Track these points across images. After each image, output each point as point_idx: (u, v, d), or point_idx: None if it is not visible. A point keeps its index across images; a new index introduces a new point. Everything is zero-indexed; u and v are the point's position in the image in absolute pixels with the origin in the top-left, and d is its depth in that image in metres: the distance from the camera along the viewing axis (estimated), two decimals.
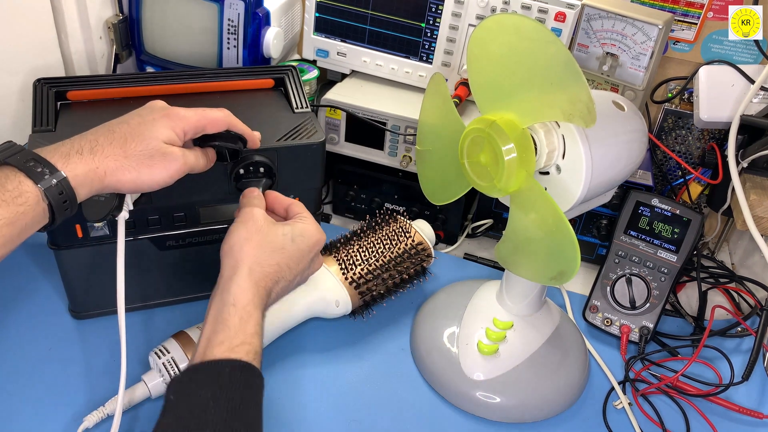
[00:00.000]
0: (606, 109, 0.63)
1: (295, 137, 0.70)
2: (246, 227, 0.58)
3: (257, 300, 0.55)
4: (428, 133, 0.71)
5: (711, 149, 0.86)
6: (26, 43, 0.89)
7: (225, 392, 0.48)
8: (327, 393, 0.69)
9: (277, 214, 0.64)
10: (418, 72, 0.90)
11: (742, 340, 0.82)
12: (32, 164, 0.50)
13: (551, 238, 0.57)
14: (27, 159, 0.50)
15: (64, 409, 0.64)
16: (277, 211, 0.65)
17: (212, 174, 0.66)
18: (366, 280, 0.74)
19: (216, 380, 0.49)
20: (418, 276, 0.81)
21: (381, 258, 0.76)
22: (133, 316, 0.75)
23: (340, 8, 0.89)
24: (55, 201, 0.50)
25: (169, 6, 0.91)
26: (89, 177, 0.52)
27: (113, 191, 0.56)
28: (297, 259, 0.59)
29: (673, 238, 0.79)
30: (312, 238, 0.61)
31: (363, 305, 0.76)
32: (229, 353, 0.50)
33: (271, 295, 0.57)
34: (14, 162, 0.50)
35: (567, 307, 0.84)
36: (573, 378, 0.72)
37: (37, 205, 0.50)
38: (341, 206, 0.97)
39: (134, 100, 0.74)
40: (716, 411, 0.72)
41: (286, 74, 0.79)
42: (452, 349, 0.72)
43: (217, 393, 0.48)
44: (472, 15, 0.84)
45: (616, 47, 0.85)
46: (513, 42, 0.54)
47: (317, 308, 0.73)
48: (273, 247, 0.58)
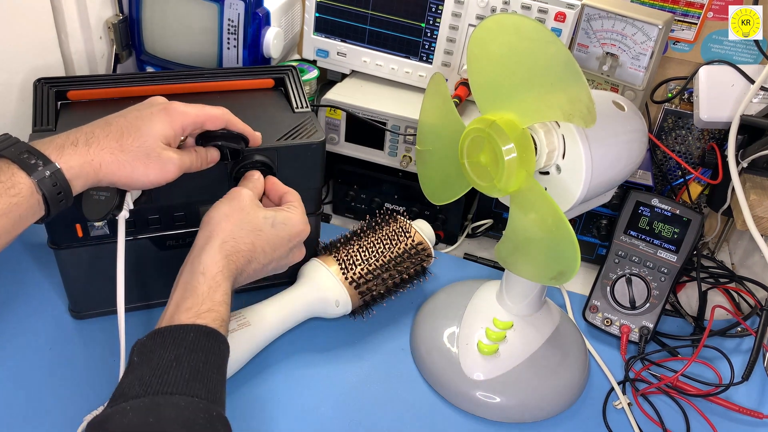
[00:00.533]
0: (606, 109, 0.63)
1: (295, 137, 0.70)
2: (230, 204, 0.59)
3: (227, 272, 0.55)
4: (428, 133, 0.71)
5: (711, 149, 0.86)
6: (26, 43, 0.89)
7: (188, 355, 0.49)
8: (327, 393, 0.69)
9: (271, 201, 0.65)
10: (418, 72, 0.90)
11: (742, 340, 0.82)
12: (26, 156, 0.50)
13: (551, 238, 0.57)
14: (21, 151, 0.50)
15: (64, 409, 0.64)
16: (272, 197, 0.65)
17: (212, 174, 0.66)
18: (366, 280, 0.74)
19: (180, 343, 0.50)
20: (418, 276, 0.81)
21: (381, 258, 0.76)
22: (133, 316, 0.75)
23: (340, 8, 0.89)
24: (49, 192, 0.50)
25: (169, 6, 0.91)
26: (84, 169, 0.52)
27: (108, 185, 0.56)
28: (274, 244, 0.60)
29: (673, 238, 0.79)
30: (294, 228, 0.61)
31: (363, 305, 0.76)
32: (195, 319, 0.51)
33: (242, 273, 0.58)
34: (8, 154, 0.50)
35: (567, 307, 0.84)
36: (573, 378, 0.72)
37: (31, 197, 0.50)
38: (341, 206, 0.97)
39: (134, 100, 0.73)
40: (716, 411, 0.72)
41: (286, 74, 0.79)
42: (452, 349, 0.72)
43: (180, 355, 0.49)
44: (472, 15, 0.84)
45: (616, 47, 0.85)
46: (513, 42, 0.54)
47: (317, 308, 0.73)
48: (251, 227, 0.58)
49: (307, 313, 0.73)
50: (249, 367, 0.70)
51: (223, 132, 0.61)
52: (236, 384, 0.68)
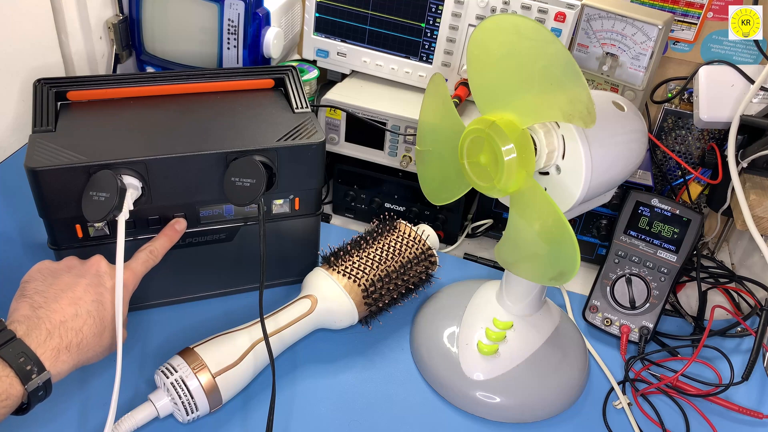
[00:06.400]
0: (606, 110, 0.63)
1: (295, 137, 0.70)
2: None
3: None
4: (428, 133, 0.71)
5: (711, 149, 0.86)
6: (26, 43, 0.89)
7: None
8: (327, 393, 0.69)
9: None
10: (418, 72, 0.90)
11: (742, 340, 0.82)
12: (22, 360, 0.50)
13: (551, 239, 0.57)
14: (18, 353, 0.51)
15: (63, 408, 0.64)
16: None
17: (212, 174, 0.67)
18: (369, 292, 0.73)
19: None
20: (423, 284, 0.80)
21: (387, 269, 0.75)
22: (133, 316, 0.75)
23: (340, 8, 0.89)
24: (35, 397, 0.52)
25: (169, 6, 0.91)
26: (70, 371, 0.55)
27: None
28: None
29: (673, 238, 0.79)
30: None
31: (368, 315, 0.75)
32: None
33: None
34: (6, 356, 0.50)
35: (567, 307, 0.84)
36: (573, 378, 0.72)
37: (17, 400, 0.51)
38: (341, 206, 0.97)
39: (134, 100, 0.74)
40: (716, 411, 0.72)
41: (286, 74, 0.79)
42: (452, 349, 0.72)
43: None
44: (472, 15, 0.84)
45: (616, 47, 0.85)
46: (513, 42, 0.54)
47: (323, 320, 0.73)
48: None
49: (314, 326, 0.73)
50: None
51: None
52: None
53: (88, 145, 0.64)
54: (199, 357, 0.63)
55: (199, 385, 0.62)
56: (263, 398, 0.68)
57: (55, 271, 0.59)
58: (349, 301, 0.72)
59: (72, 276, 0.59)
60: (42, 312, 0.54)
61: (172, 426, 0.64)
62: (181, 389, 0.61)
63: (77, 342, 0.55)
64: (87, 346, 0.56)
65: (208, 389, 0.62)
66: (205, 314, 0.76)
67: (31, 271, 0.59)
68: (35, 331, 0.53)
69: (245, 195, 0.65)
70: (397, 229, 0.80)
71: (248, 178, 0.64)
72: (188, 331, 0.74)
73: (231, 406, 0.66)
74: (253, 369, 0.66)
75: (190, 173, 0.66)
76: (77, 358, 0.55)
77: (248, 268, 0.77)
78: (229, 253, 0.75)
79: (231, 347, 0.65)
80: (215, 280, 0.78)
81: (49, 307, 0.55)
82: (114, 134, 0.68)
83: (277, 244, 0.76)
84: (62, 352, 0.53)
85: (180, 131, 0.69)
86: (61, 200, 0.63)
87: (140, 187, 0.64)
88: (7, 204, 0.88)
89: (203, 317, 0.76)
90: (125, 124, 0.70)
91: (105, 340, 0.58)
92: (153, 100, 0.74)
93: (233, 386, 0.65)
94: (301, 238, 0.78)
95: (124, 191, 0.61)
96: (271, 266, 0.76)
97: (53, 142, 0.64)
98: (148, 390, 0.64)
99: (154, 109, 0.73)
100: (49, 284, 0.57)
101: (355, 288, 0.73)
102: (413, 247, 0.78)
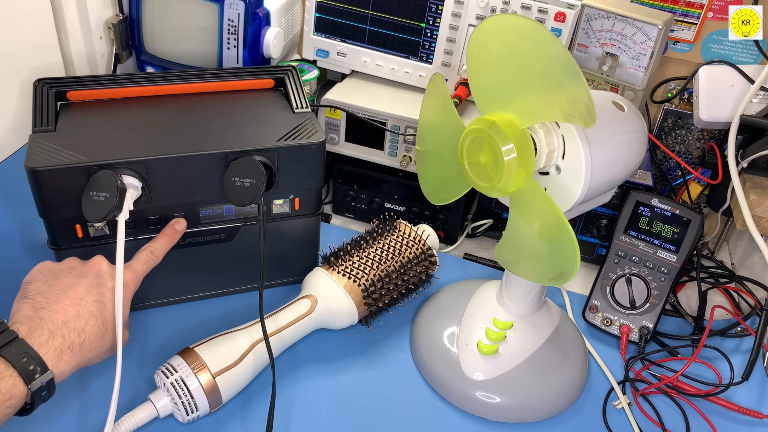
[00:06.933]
0: (606, 110, 0.63)
1: (295, 137, 0.70)
2: None
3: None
4: (428, 133, 0.71)
5: (711, 149, 0.86)
6: (26, 43, 0.89)
7: None
8: (327, 393, 0.69)
9: None
10: (418, 72, 0.90)
11: (742, 340, 0.82)
12: (25, 360, 0.50)
13: (551, 239, 0.57)
14: (20, 352, 0.51)
15: (63, 408, 0.64)
16: None
17: (212, 174, 0.67)
18: (369, 292, 0.73)
19: None
20: (423, 284, 0.80)
21: (387, 269, 0.75)
22: (133, 316, 0.75)
23: (340, 8, 0.89)
24: (38, 397, 0.52)
25: (169, 6, 0.91)
26: (72, 371, 0.55)
27: None
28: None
29: (673, 238, 0.79)
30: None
31: (368, 314, 0.75)
32: None
33: None
34: (8, 356, 0.50)
35: (567, 307, 0.84)
36: (573, 378, 0.72)
37: (21, 400, 0.51)
38: (341, 206, 0.97)
39: (134, 100, 0.74)
40: (716, 411, 0.72)
41: (286, 74, 0.79)
42: (452, 349, 0.72)
43: None
44: (472, 15, 0.84)
45: (616, 47, 0.85)
46: (513, 42, 0.54)
47: (323, 320, 0.73)
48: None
49: (314, 326, 0.73)
50: None
51: None
52: None
53: (88, 145, 0.64)
54: (199, 357, 0.63)
55: (199, 385, 0.62)
56: (263, 398, 0.68)
57: (57, 271, 0.59)
58: (349, 301, 0.72)
59: (73, 276, 0.58)
60: (44, 313, 0.54)
61: (172, 426, 0.64)
62: (181, 389, 0.61)
63: (80, 342, 0.55)
64: (89, 346, 0.56)
65: (208, 389, 0.62)
66: (205, 314, 0.76)
67: (33, 272, 0.59)
68: (37, 331, 0.53)
69: (245, 195, 0.65)
70: (397, 229, 0.80)
71: (248, 178, 0.64)
72: (188, 331, 0.74)
73: (231, 406, 0.66)
74: (253, 369, 0.66)
75: (190, 173, 0.66)
76: (80, 358, 0.55)
77: (248, 268, 0.77)
78: (229, 253, 0.75)
79: (231, 347, 0.65)
80: (215, 280, 0.78)
81: (50, 307, 0.55)
82: (114, 134, 0.68)
83: (277, 244, 0.76)
84: (65, 352, 0.53)
85: (180, 131, 0.69)
86: (61, 200, 0.63)
87: (140, 187, 0.64)
88: (7, 204, 0.88)
89: (203, 317, 0.76)
90: (125, 124, 0.70)
91: (107, 340, 0.58)
92: (153, 100, 0.74)
93: (233, 386, 0.65)
94: (301, 238, 0.78)
95: (124, 191, 0.61)
96: (271, 266, 0.76)
97: (53, 142, 0.64)
98: (148, 390, 0.64)
99: (154, 109, 0.73)
100: (51, 285, 0.57)
101: (355, 288, 0.73)
102: (413, 247, 0.78)
